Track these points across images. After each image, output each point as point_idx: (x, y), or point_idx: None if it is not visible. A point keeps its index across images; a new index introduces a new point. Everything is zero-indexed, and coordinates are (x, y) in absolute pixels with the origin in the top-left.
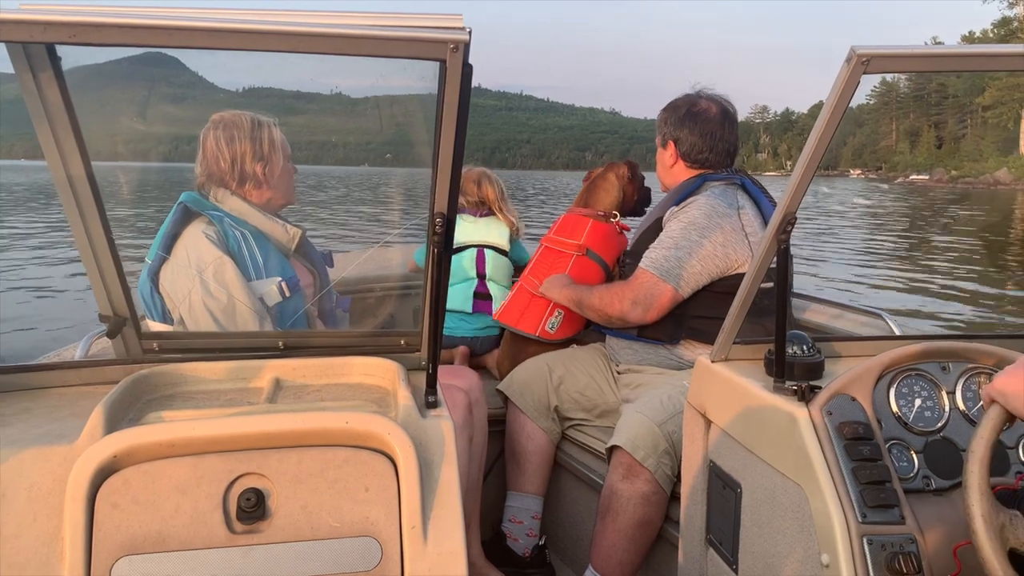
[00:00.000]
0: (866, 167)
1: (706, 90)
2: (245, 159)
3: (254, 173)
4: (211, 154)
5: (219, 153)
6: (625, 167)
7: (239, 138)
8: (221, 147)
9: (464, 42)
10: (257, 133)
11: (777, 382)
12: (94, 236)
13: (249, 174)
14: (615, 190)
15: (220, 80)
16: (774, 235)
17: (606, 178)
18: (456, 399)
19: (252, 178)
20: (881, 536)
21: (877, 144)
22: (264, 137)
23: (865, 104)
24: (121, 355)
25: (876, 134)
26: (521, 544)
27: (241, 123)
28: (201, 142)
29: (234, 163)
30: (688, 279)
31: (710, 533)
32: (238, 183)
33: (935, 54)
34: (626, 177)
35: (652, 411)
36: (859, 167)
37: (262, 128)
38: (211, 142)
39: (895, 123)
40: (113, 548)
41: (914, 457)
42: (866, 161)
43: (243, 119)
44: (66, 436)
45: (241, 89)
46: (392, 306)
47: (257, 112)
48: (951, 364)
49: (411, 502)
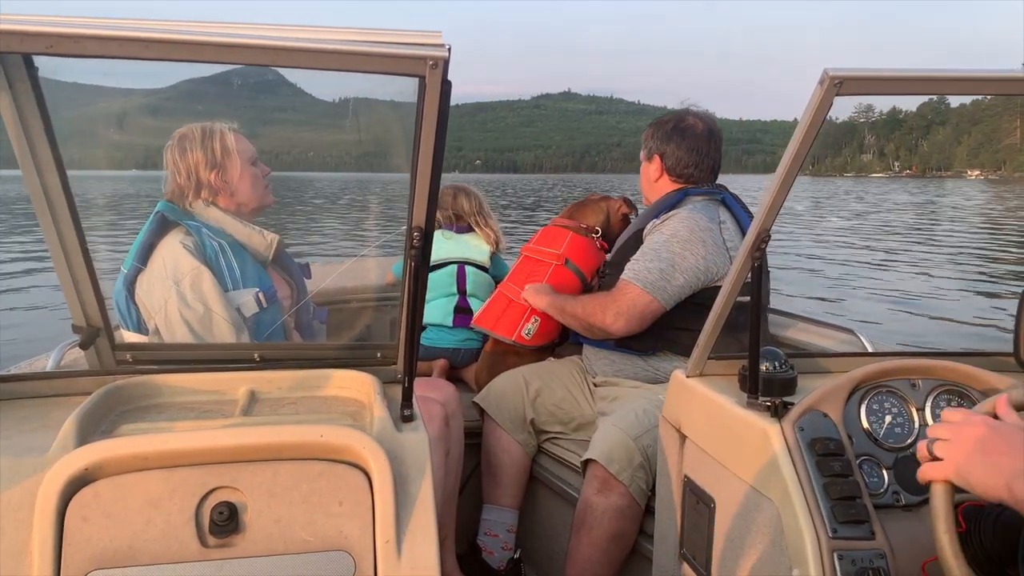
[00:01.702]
0: (984, 167)
1: (694, 107)
2: (199, 169)
3: (209, 182)
4: (171, 169)
5: (176, 168)
6: (623, 203)
7: (191, 148)
8: (176, 160)
9: (443, 59)
10: (208, 142)
11: (751, 398)
12: (68, 245)
13: (204, 183)
14: (602, 215)
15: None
16: (749, 251)
17: (598, 204)
18: (432, 411)
19: (207, 187)
20: (851, 551)
21: (1000, 142)
22: (216, 145)
23: (980, 102)
24: (94, 366)
25: (998, 131)
26: (496, 557)
27: (192, 134)
28: (164, 160)
29: (189, 175)
30: (672, 291)
31: (684, 547)
32: (196, 193)
33: (908, 77)
34: (620, 212)
35: (627, 425)
36: (976, 167)
37: (213, 136)
38: (169, 157)
39: (1020, 120)
40: (83, 562)
41: (884, 473)
42: (983, 161)
43: (194, 130)
44: (36, 448)
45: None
46: (369, 318)
47: (221, 120)
48: (920, 381)
49: (385, 516)
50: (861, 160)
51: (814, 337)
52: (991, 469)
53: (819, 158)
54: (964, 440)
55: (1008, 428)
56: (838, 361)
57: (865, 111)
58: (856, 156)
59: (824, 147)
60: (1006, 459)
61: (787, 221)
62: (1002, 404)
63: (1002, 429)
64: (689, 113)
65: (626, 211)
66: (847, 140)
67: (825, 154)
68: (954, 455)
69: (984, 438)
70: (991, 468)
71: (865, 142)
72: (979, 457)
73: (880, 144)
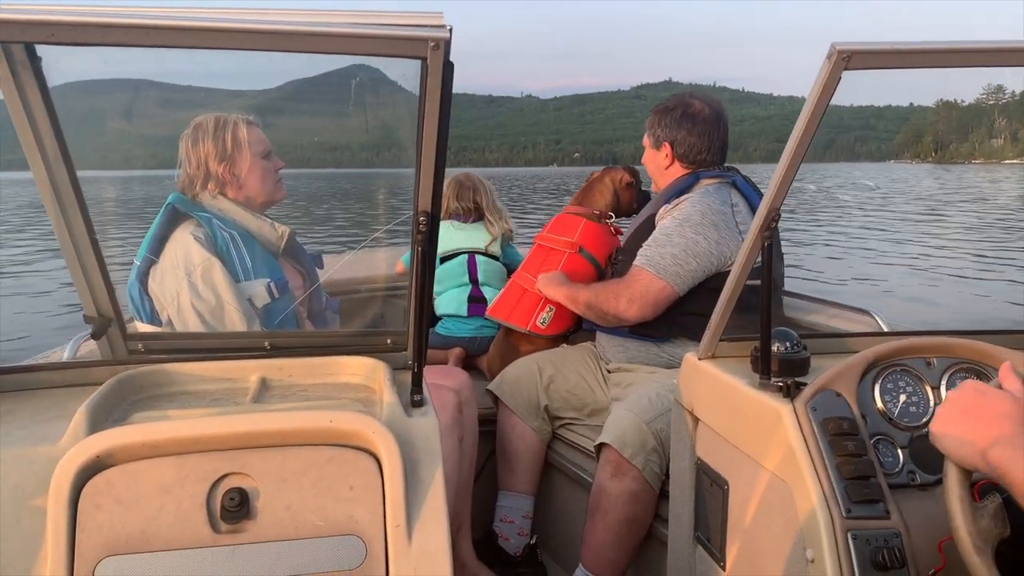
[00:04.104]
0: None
1: (695, 91)
2: (209, 160)
3: (218, 174)
4: (184, 158)
5: (188, 157)
6: (624, 172)
7: (202, 140)
8: (189, 151)
9: (444, 39)
10: (220, 133)
11: (763, 378)
12: (77, 236)
13: (213, 175)
14: (609, 193)
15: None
16: (759, 232)
17: (602, 181)
18: (446, 399)
19: (215, 178)
20: (866, 531)
21: None
22: (228, 137)
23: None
24: (107, 356)
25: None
26: (512, 543)
27: (206, 125)
28: (180, 147)
29: (199, 165)
30: (684, 276)
31: (698, 530)
32: (205, 184)
33: (919, 50)
34: (623, 183)
35: (640, 409)
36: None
37: (226, 127)
38: (183, 146)
39: None
40: (96, 548)
41: (899, 452)
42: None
43: (208, 120)
44: (50, 437)
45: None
46: (381, 307)
47: (240, 112)
48: (935, 359)
49: (395, 501)
50: (991, 145)
51: (830, 319)
52: (968, 435)
53: (943, 144)
54: (949, 406)
55: (995, 394)
56: (852, 341)
57: (995, 92)
58: (985, 141)
59: (948, 132)
60: (983, 425)
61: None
62: (1004, 369)
63: (988, 394)
64: (693, 97)
65: (628, 179)
66: (975, 124)
67: (950, 140)
68: (935, 425)
69: (967, 404)
70: (968, 434)
71: (995, 126)
72: (958, 423)
73: (1012, 128)
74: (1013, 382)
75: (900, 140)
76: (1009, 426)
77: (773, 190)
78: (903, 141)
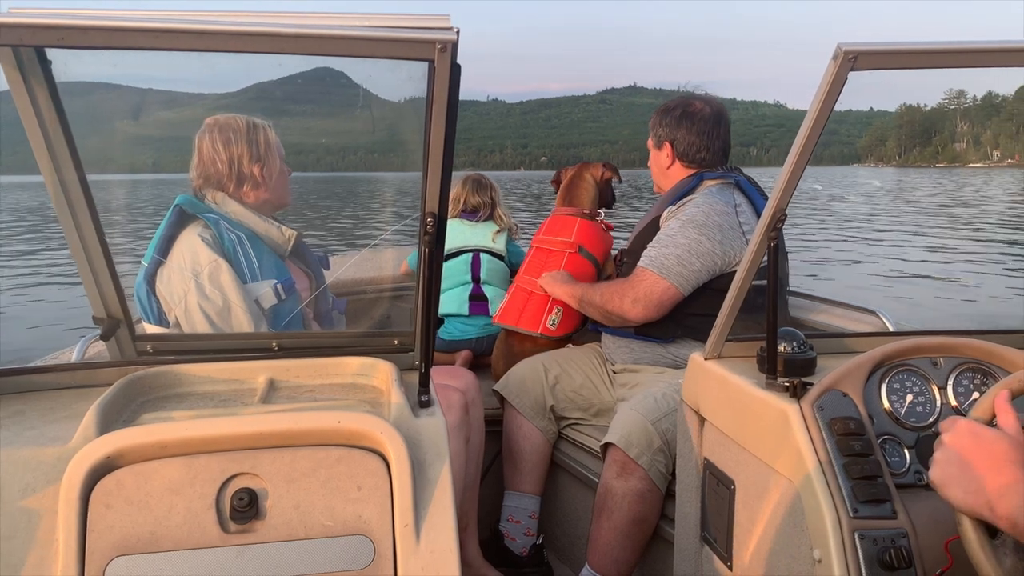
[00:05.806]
0: None
1: (697, 91)
2: (243, 160)
3: (252, 174)
4: (207, 157)
5: (215, 155)
6: (601, 167)
7: (235, 140)
8: (218, 149)
9: (452, 42)
10: (253, 135)
11: (769, 379)
12: (86, 237)
13: (247, 175)
14: (592, 188)
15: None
16: (765, 232)
17: (583, 177)
18: (452, 399)
19: (250, 179)
20: (873, 531)
21: None
22: (260, 139)
23: None
24: (116, 357)
25: None
26: (519, 543)
27: (237, 125)
28: (196, 146)
29: (231, 165)
30: (689, 277)
31: (705, 530)
32: (236, 185)
33: (925, 50)
34: (604, 179)
35: (646, 409)
36: None
37: (258, 130)
38: (207, 145)
39: None
40: (106, 548)
41: (906, 452)
42: None
43: (238, 121)
44: (60, 438)
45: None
46: (388, 307)
47: (250, 115)
48: (942, 359)
49: (403, 500)
50: (954, 149)
51: (837, 319)
52: (971, 485)
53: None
54: (946, 453)
55: (991, 436)
56: (859, 341)
57: (956, 97)
58: (948, 145)
59: (911, 136)
60: (985, 473)
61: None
62: (1000, 403)
63: (984, 436)
64: (694, 97)
65: (608, 175)
66: (939, 129)
67: (913, 144)
68: (934, 473)
69: (964, 450)
70: (971, 484)
71: (958, 130)
72: (957, 472)
73: (975, 131)
74: (1008, 418)
75: (864, 144)
76: (1011, 472)
77: (779, 191)
78: (867, 145)
